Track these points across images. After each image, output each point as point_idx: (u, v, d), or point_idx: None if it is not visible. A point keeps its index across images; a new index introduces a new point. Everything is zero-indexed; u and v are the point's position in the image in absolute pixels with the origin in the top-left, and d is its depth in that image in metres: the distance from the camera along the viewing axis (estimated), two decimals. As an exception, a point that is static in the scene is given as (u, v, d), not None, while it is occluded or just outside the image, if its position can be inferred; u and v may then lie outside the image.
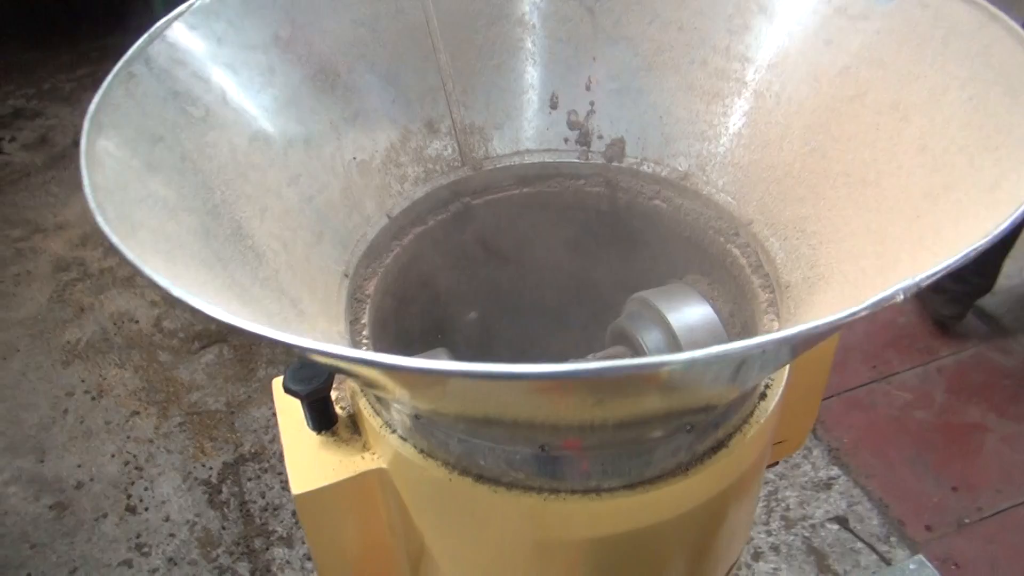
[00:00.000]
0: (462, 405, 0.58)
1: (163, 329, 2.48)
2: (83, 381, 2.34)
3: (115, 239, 0.49)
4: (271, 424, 2.25)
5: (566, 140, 0.93)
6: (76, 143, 3.21)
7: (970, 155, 0.62)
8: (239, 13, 0.75)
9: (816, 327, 0.42)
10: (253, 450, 2.17)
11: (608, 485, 0.67)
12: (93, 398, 2.29)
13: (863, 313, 0.43)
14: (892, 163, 0.69)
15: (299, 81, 0.80)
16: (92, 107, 0.58)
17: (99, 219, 0.50)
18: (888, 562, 1.76)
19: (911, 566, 0.66)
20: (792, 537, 1.87)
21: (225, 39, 0.74)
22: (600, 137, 0.93)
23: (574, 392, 0.49)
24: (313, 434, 0.78)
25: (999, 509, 1.89)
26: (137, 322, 2.50)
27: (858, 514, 1.89)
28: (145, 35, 0.66)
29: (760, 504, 1.91)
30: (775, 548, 1.86)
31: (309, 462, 0.75)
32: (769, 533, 1.89)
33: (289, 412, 0.80)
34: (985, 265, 2.10)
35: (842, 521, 1.89)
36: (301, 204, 0.79)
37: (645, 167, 0.91)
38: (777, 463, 1.04)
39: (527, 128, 0.93)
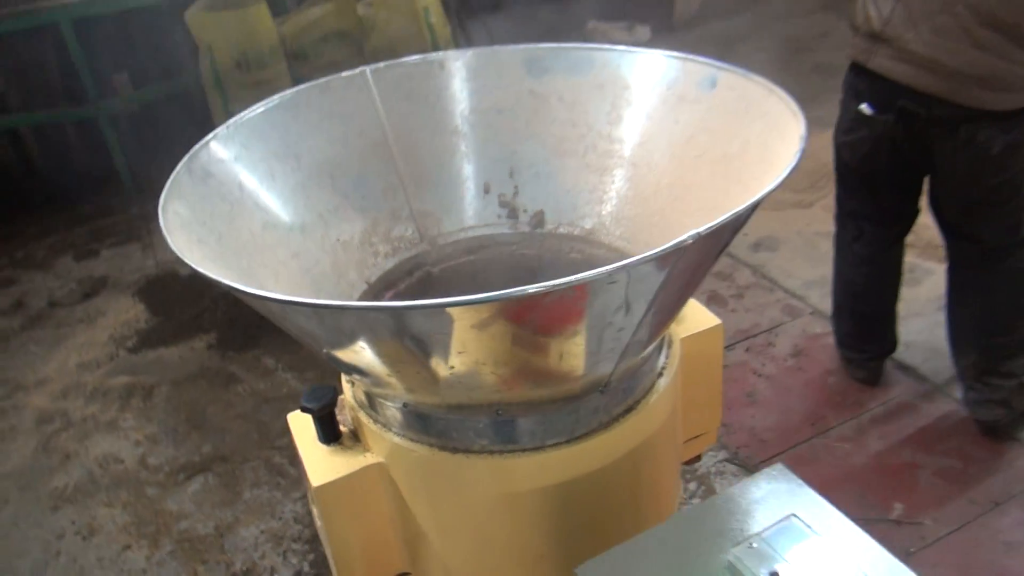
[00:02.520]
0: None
1: (148, 465, 2.64)
2: (73, 523, 2.47)
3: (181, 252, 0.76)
4: (260, 542, 2.39)
5: (499, 216, 1.24)
6: (52, 304, 3.46)
7: (763, 179, 0.94)
8: (249, 137, 1.06)
9: (635, 260, 0.70)
10: (245, 567, 2.30)
11: (550, 442, 0.93)
12: (84, 538, 2.42)
13: (665, 250, 0.70)
14: (723, 194, 1.01)
15: (294, 184, 1.10)
16: (164, 193, 0.87)
17: (172, 244, 0.78)
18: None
19: (772, 472, 0.87)
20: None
21: (240, 155, 1.04)
22: (525, 211, 1.24)
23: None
24: (323, 446, 1.02)
25: (939, 536, 2.11)
26: (122, 462, 2.66)
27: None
28: (191, 151, 0.96)
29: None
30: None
31: (322, 463, 0.99)
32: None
33: (303, 434, 1.04)
34: (876, 334, 2.42)
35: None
36: (301, 273, 1.07)
37: (561, 229, 1.22)
38: (700, 457, 1.28)
39: (468, 210, 1.24)
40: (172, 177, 0.92)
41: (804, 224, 3.27)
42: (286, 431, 2.59)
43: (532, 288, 0.66)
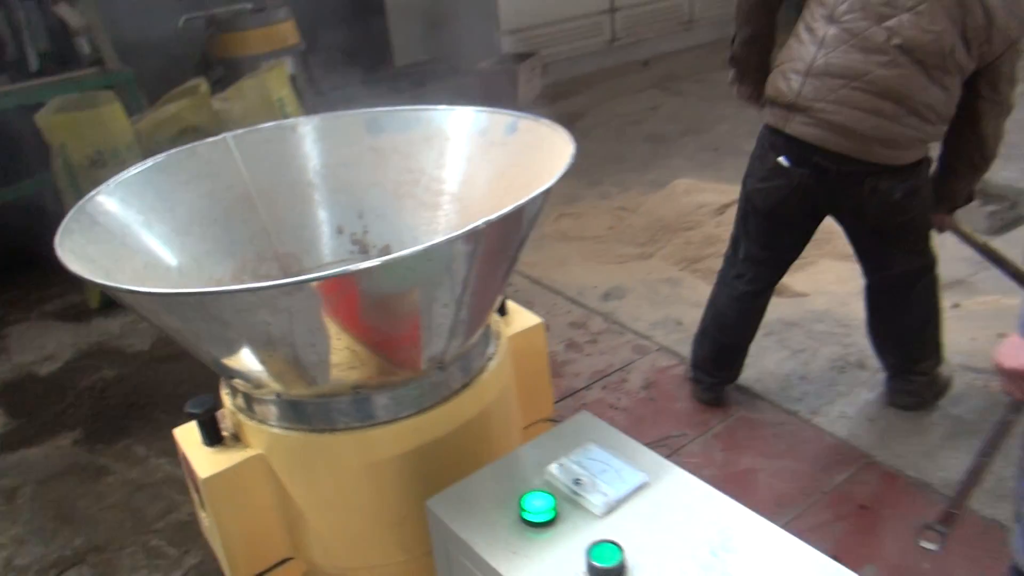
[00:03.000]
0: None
1: (15, 567, 2.63)
2: (-65, 636, 2.42)
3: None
4: (141, 625, 2.42)
5: (351, 252, 1.50)
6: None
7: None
8: (127, 193, 1.28)
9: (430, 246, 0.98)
10: (127, 650, 2.33)
11: (403, 414, 1.17)
12: (-51, 647, 2.38)
13: (442, 241, 0.97)
14: (526, 211, 1.30)
15: (170, 232, 1.32)
16: (58, 236, 1.08)
17: (73, 269, 0.98)
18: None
19: (578, 417, 1.12)
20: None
21: (121, 207, 1.26)
22: (374, 247, 1.50)
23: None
24: (207, 448, 1.21)
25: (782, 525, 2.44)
26: (-13, 567, 2.63)
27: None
28: (78, 203, 1.17)
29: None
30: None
31: (207, 460, 1.19)
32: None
33: (189, 440, 1.23)
34: (729, 363, 2.80)
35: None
36: (180, 305, 1.28)
37: (406, 259, 1.49)
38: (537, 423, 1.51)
39: (324, 249, 1.49)
40: (63, 224, 1.13)
41: (646, 273, 3.68)
42: (164, 514, 2.70)
43: (363, 264, 0.92)
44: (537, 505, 1.01)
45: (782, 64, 2.21)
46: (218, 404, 1.23)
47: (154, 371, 3.30)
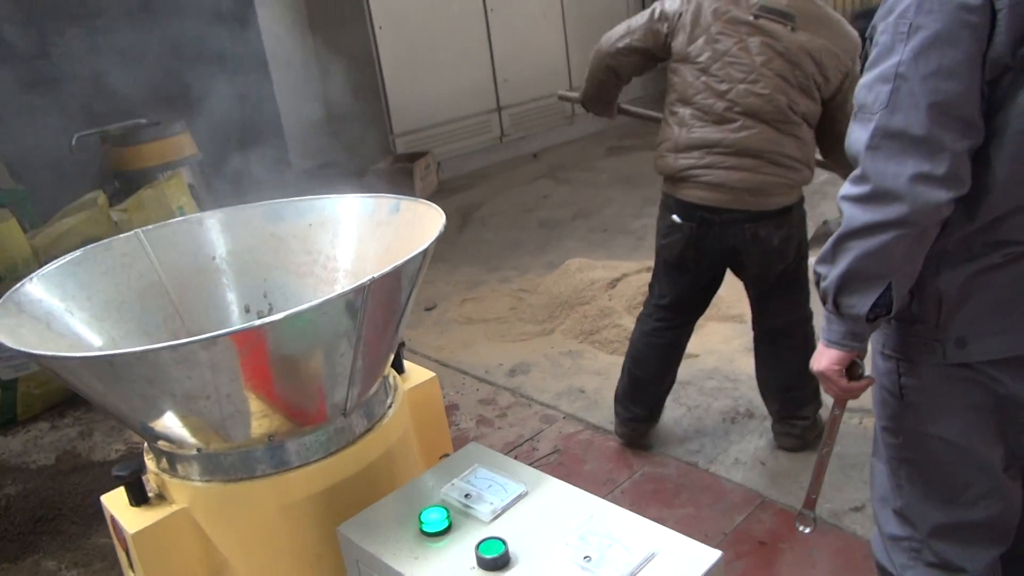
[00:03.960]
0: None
1: None
2: None
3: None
4: None
5: (259, 328, 1.69)
6: None
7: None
8: (49, 284, 1.45)
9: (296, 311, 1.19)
10: None
11: (313, 458, 1.35)
12: None
13: (336, 295, 1.19)
14: (413, 276, 1.54)
15: (89, 317, 1.49)
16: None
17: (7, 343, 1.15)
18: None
19: (467, 447, 1.33)
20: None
21: (44, 296, 1.43)
22: (279, 322, 1.70)
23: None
24: (135, 508, 1.36)
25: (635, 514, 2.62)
26: None
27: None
28: (7, 293, 1.34)
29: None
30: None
31: (135, 518, 1.34)
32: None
33: (117, 504, 1.37)
34: (643, 399, 3.05)
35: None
36: (102, 383, 1.44)
37: (309, 330, 1.69)
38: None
39: (235, 326, 1.67)
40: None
41: (548, 348, 3.94)
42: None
43: (269, 319, 1.13)
44: (433, 518, 1.21)
45: (660, 144, 2.63)
46: (143, 468, 1.38)
47: (60, 483, 3.31)
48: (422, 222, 1.56)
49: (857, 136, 1.25)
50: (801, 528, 2.23)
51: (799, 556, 2.49)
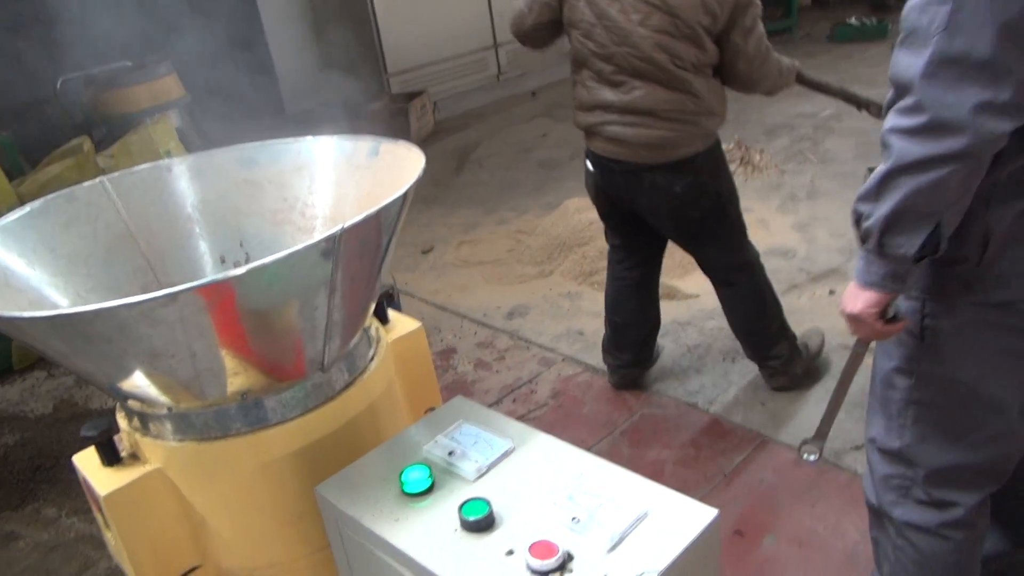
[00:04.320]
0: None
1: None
2: None
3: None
4: None
5: (236, 278, 1.60)
6: None
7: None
8: (7, 238, 1.37)
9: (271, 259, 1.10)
10: None
11: (290, 415, 1.28)
12: None
13: (305, 245, 1.11)
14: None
15: (53, 272, 1.41)
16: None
17: None
18: None
19: (453, 401, 1.26)
20: None
21: (5, 248, 1.34)
22: (257, 272, 1.61)
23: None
24: (107, 468, 1.30)
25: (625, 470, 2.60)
26: None
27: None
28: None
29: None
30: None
31: (108, 479, 1.27)
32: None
33: (89, 465, 1.31)
34: (626, 344, 3.00)
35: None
36: (70, 340, 1.36)
37: (289, 280, 1.60)
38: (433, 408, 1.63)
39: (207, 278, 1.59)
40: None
41: (547, 290, 3.87)
42: (80, 572, 2.69)
43: (234, 271, 1.04)
44: (415, 477, 1.14)
45: (574, 103, 2.65)
46: (114, 427, 1.31)
47: (58, 432, 3.28)
48: (403, 165, 1.47)
49: (908, 63, 1.14)
50: (806, 456, 2.22)
51: (799, 495, 2.45)
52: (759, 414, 2.87)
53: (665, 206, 2.55)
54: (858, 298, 1.35)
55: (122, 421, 1.35)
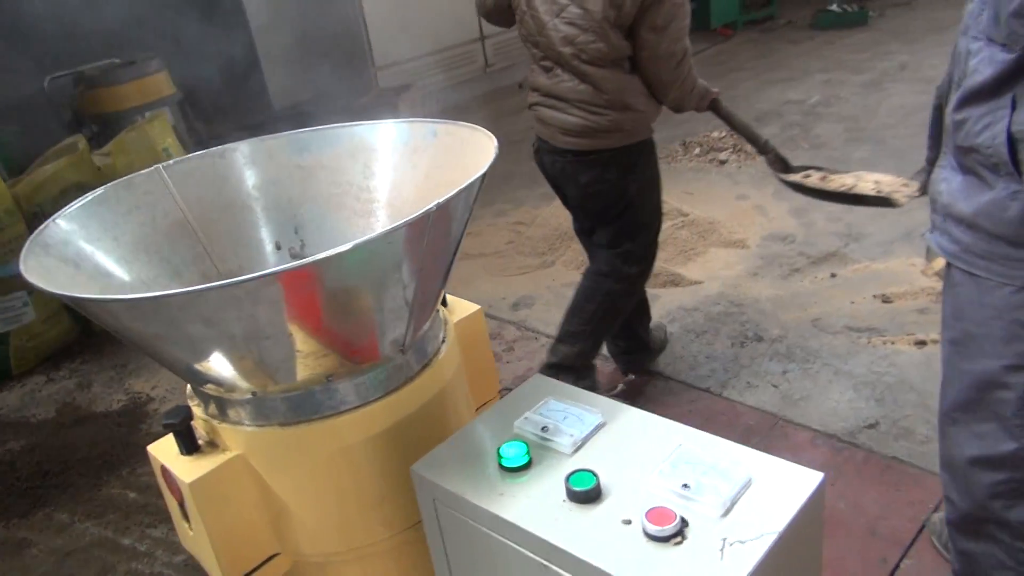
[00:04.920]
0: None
1: (-59, 657, 2.51)
2: None
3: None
4: None
5: (292, 265, 1.59)
6: None
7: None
8: (71, 225, 1.34)
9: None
10: None
11: (372, 397, 1.27)
12: None
13: (399, 224, 1.10)
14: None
15: (117, 259, 1.38)
16: (21, 258, 1.14)
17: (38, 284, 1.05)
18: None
19: (532, 379, 1.26)
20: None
21: (68, 238, 1.32)
22: (312, 258, 1.60)
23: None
24: (186, 457, 1.28)
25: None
26: (-92, 662, 2.50)
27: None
28: (31, 236, 1.23)
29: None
30: None
31: (189, 467, 1.25)
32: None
33: (167, 454, 1.29)
34: (621, 335, 3.02)
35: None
36: (138, 328, 1.34)
37: (345, 266, 1.59)
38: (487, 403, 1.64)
39: (267, 264, 1.58)
40: (25, 248, 1.19)
41: (551, 280, 3.87)
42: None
43: (325, 253, 1.03)
44: (512, 453, 1.14)
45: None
46: (192, 414, 1.29)
47: (64, 437, 3.22)
48: (465, 148, 1.46)
49: None
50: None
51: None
52: (772, 395, 2.91)
53: (574, 190, 2.65)
54: None
55: (197, 409, 1.33)
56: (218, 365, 1.18)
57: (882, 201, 2.24)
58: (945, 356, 1.58)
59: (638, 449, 1.14)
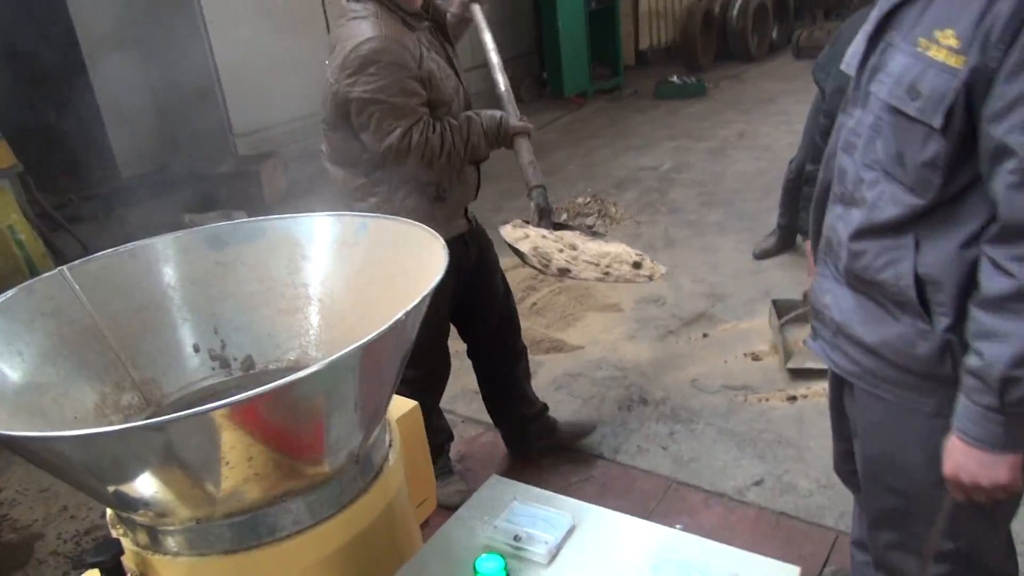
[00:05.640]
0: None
1: None
2: None
3: None
4: None
5: (213, 368, 1.48)
6: None
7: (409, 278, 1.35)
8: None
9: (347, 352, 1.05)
10: None
11: (325, 515, 1.19)
12: None
13: (374, 338, 1.06)
14: (399, 304, 1.39)
15: (23, 375, 1.24)
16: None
17: None
18: None
19: (490, 482, 1.23)
20: None
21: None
22: (235, 359, 1.50)
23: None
24: (116, 596, 1.14)
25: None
26: None
27: None
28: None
29: None
30: None
31: (123, 606, 1.12)
32: None
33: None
34: (500, 424, 3.03)
35: None
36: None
37: (271, 367, 1.50)
38: (427, 523, 1.59)
39: (184, 369, 1.46)
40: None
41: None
42: None
43: (269, 386, 0.96)
44: (490, 567, 1.10)
45: None
46: (121, 548, 1.16)
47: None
48: (400, 242, 1.43)
49: None
50: None
51: (713, 533, 2.57)
52: (663, 458, 2.98)
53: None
54: (998, 466, 1.16)
55: (124, 540, 1.19)
56: (156, 493, 1.07)
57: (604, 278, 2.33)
58: (864, 472, 1.53)
59: (616, 554, 1.13)
